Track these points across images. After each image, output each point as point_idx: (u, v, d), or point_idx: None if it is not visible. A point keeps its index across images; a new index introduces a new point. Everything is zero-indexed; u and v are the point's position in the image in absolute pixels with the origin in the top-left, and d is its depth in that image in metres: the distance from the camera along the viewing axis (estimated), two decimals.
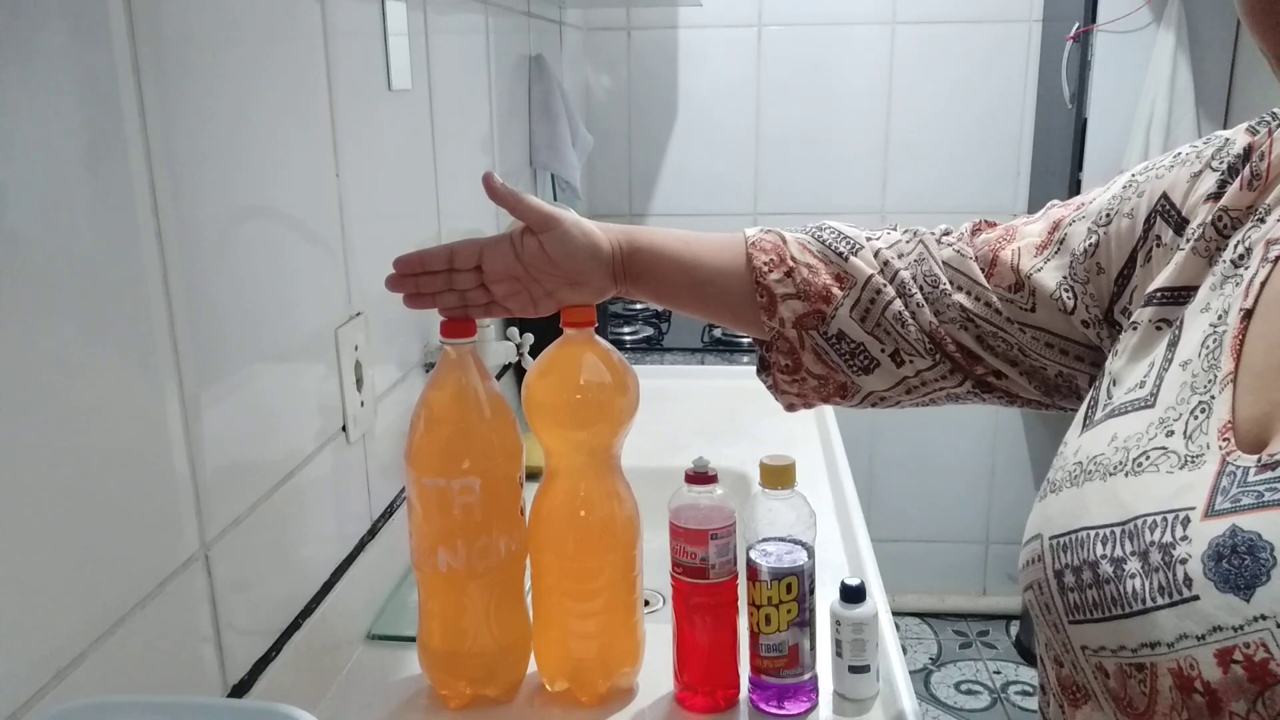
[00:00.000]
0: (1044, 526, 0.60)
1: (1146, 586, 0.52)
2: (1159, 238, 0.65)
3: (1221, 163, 0.63)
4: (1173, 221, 0.64)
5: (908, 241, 0.80)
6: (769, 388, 0.85)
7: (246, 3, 0.79)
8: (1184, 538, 0.51)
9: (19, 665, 0.55)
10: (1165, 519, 0.52)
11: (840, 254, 0.79)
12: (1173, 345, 0.60)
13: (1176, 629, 0.50)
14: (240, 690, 0.78)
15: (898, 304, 0.77)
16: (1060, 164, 2.31)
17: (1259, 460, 0.50)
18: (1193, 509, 0.51)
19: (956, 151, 2.50)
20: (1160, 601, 0.51)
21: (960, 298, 0.76)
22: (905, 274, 0.77)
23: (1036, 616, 0.60)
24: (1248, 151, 0.62)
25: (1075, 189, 2.26)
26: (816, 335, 0.79)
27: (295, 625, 0.88)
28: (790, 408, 0.86)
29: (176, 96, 0.69)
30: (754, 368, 0.86)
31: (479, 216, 1.52)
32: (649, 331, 2.07)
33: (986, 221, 0.79)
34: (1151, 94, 2.13)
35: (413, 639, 0.92)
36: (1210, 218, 0.62)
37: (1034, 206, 2.48)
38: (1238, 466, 0.51)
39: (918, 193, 2.53)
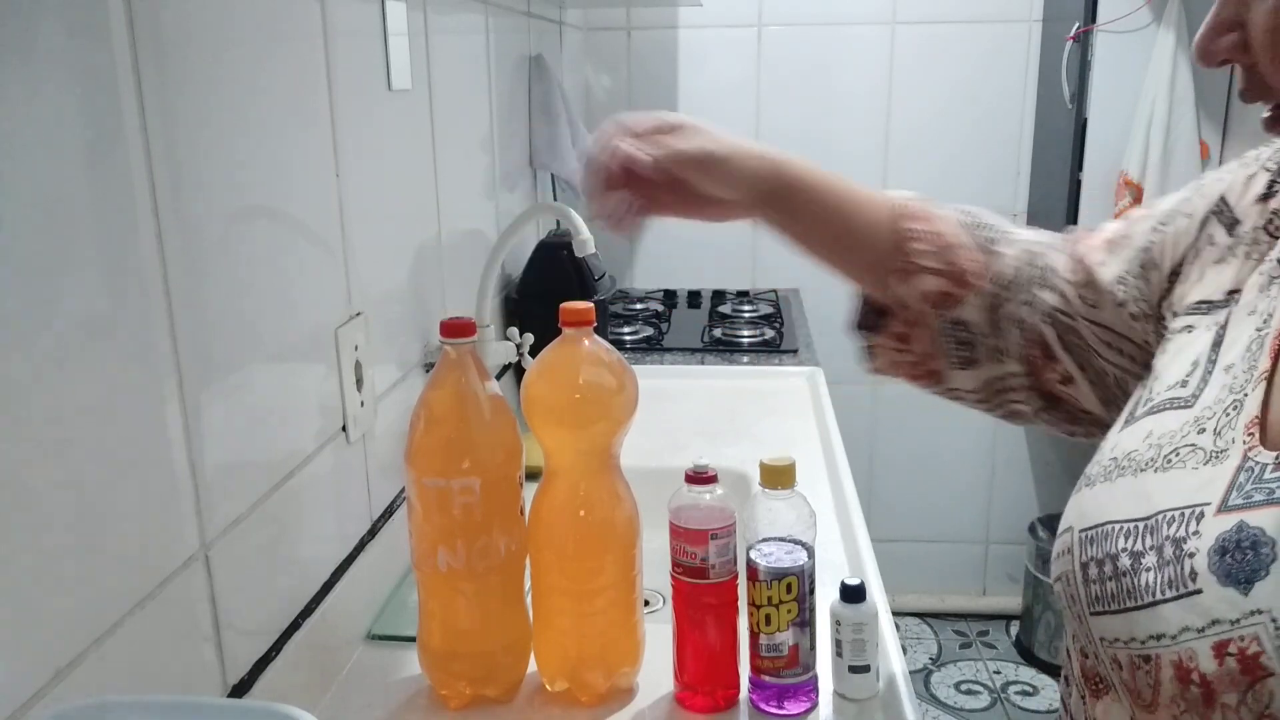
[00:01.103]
0: (1076, 520, 0.61)
1: (1158, 580, 0.52)
2: (1212, 237, 0.65)
3: (1273, 164, 0.63)
4: (1225, 222, 0.65)
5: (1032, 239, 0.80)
6: (863, 347, 0.83)
7: (246, 3, 0.79)
8: (1195, 532, 0.52)
9: (19, 665, 0.55)
10: (1183, 514, 0.53)
11: (990, 239, 0.78)
12: (1217, 346, 0.60)
13: (1180, 621, 0.50)
14: (240, 690, 0.78)
15: (1012, 305, 0.77)
16: (1060, 164, 2.31)
17: (1277, 457, 0.51)
18: (1208, 504, 0.52)
19: (956, 151, 2.50)
20: (1168, 594, 0.52)
21: (1047, 295, 0.75)
22: (1025, 270, 0.77)
23: (1065, 608, 0.61)
24: None
25: (1075, 189, 2.26)
26: (938, 316, 0.78)
27: (295, 625, 0.88)
28: (875, 371, 0.84)
29: (176, 96, 0.69)
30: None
31: (479, 217, 1.52)
32: (649, 331, 2.07)
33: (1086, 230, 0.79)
34: (1151, 94, 2.13)
35: (413, 639, 0.92)
36: (1262, 221, 0.62)
37: (1034, 206, 2.49)
38: (1256, 463, 0.52)
39: (918, 192, 2.53)
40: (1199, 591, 0.50)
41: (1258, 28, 0.51)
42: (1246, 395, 0.55)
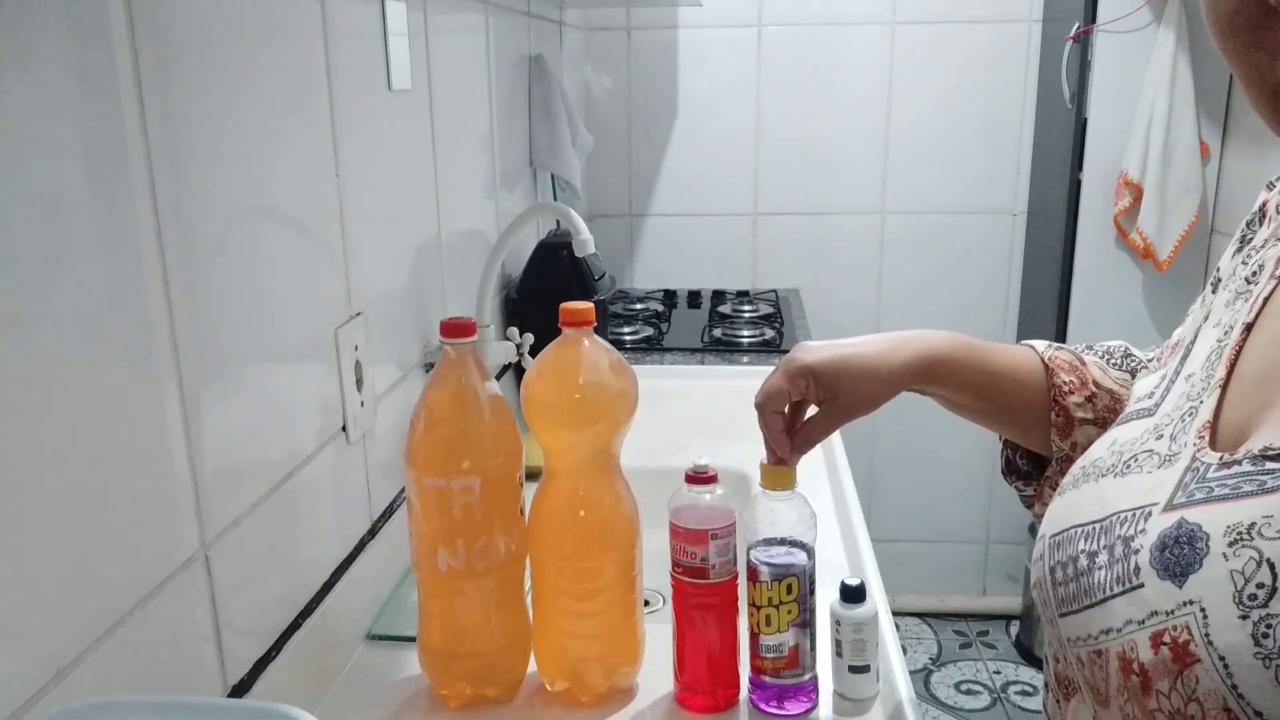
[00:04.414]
0: (1047, 526, 0.63)
1: (1108, 577, 0.55)
2: (1206, 300, 0.68)
3: (1245, 223, 0.67)
4: (1214, 284, 0.67)
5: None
6: (1022, 494, 0.85)
7: (246, 3, 0.79)
8: (1142, 530, 0.54)
9: (19, 665, 0.55)
10: (1133, 514, 0.56)
11: (1133, 371, 0.80)
12: (1184, 359, 0.64)
13: (1125, 615, 0.53)
14: (240, 690, 0.78)
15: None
16: (1060, 164, 2.31)
17: (1221, 458, 0.53)
18: (1156, 504, 0.55)
19: (956, 151, 2.50)
20: (1116, 590, 0.54)
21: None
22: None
23: (1041, 614, 0.63)
24: (1264, 205, 0.66)
25: (1075, 189, 2.26)
26: None
27: (295, 625, 0.88)
28: (1040, 515, 0.85)
29: (176, 96, 0.69)
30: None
31: (479, 217, 1.52)
32: (649, 331, 2.07)
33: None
34: (1151, 94, 2.13)
35: (413, 639, 0.92)
36: (1237, 262, 0.65)
37: (1034, 206, 2.49)
38: (1202, 463, 0.54)
39: (918, 193, 2.53)
40: (1141, 585, 0.53)
41: None
42: (1202, 402, 0.58)
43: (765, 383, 0.82)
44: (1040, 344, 0.83)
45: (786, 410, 0.81)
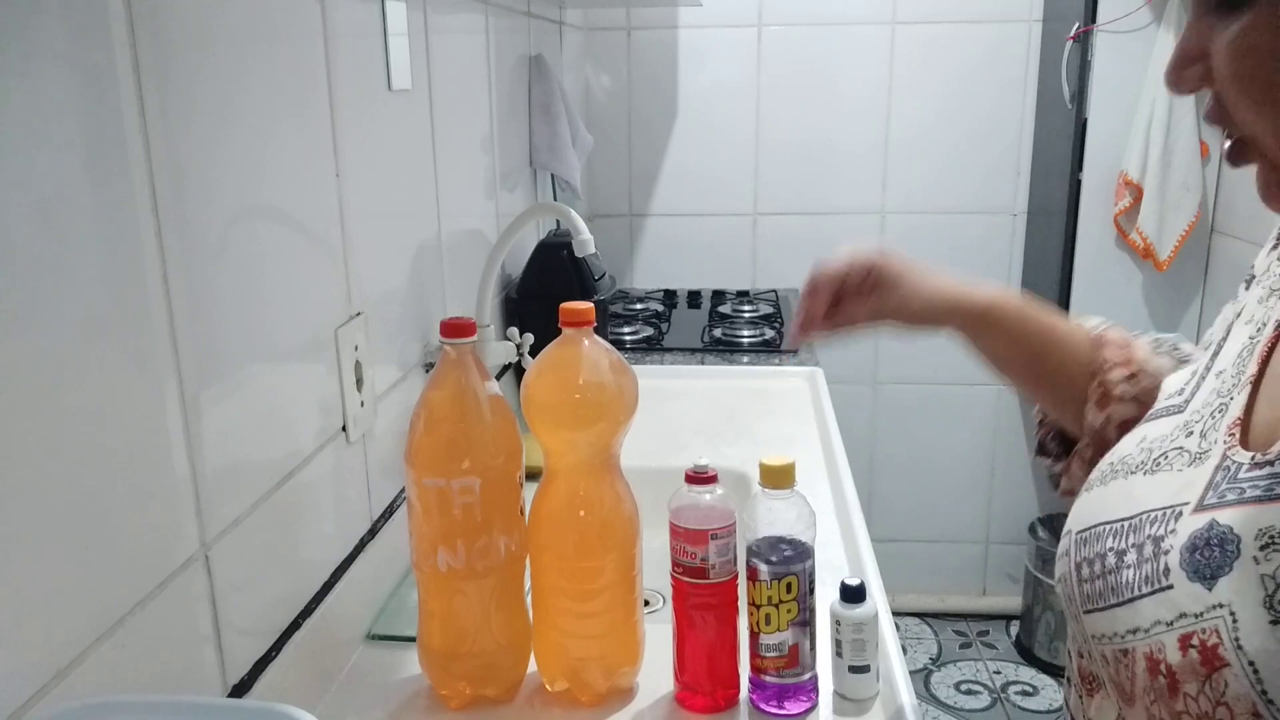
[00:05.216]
0: (1074, 522, 0.63)
1: (1137, 576, 0.55)
2: (1237, 296, 0.68)
3: None
4: (1248, 283, 0.67)
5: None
6: (1052, 473, 0.85)
7: (245, 3, 0.79)
8: (1173, 530, 0.54)
9: (19, 665, 0.55)
10: (1164, 513, 0.55)
11: (1180, 361, 0.79)
12: (1214, 356, 0.63)
13: (1153, 615, 0.53)
14: (240, 690, 0.78)
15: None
16: (1060, 164, 2.31)
17: (1253, 458, 0.53)
18: (1187, 504, 0.54)
19: (956, 151, 2.50)
20: (1144, 590, 0.54)
21: None
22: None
23: (1065, 609, 0.63)
24: None
25: (1075, 189, 2.26)
26: None
27: (295, 625, 0.88)
28: (1067, 494, 0.84)
29: (176, 96, 0.69)
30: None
31: (479, 217, 1.52)
32: (649, 331, 2.07)
33: None
34: (1151, 94, 2.13)
35: (413, 639, 0.92)
36: (1272, 259, 0.64)
37: (1034, 206, 2.49)
38: (1233, 462, 0.54)
39: (918, 193, 2.53)
40: (1171, 587, 0.52)
41: (1218, 60, 0.52)
42: (1232, 399, 0.57)
43: (822, 263, 0.82)
44: (1095, 319, 0.82)
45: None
